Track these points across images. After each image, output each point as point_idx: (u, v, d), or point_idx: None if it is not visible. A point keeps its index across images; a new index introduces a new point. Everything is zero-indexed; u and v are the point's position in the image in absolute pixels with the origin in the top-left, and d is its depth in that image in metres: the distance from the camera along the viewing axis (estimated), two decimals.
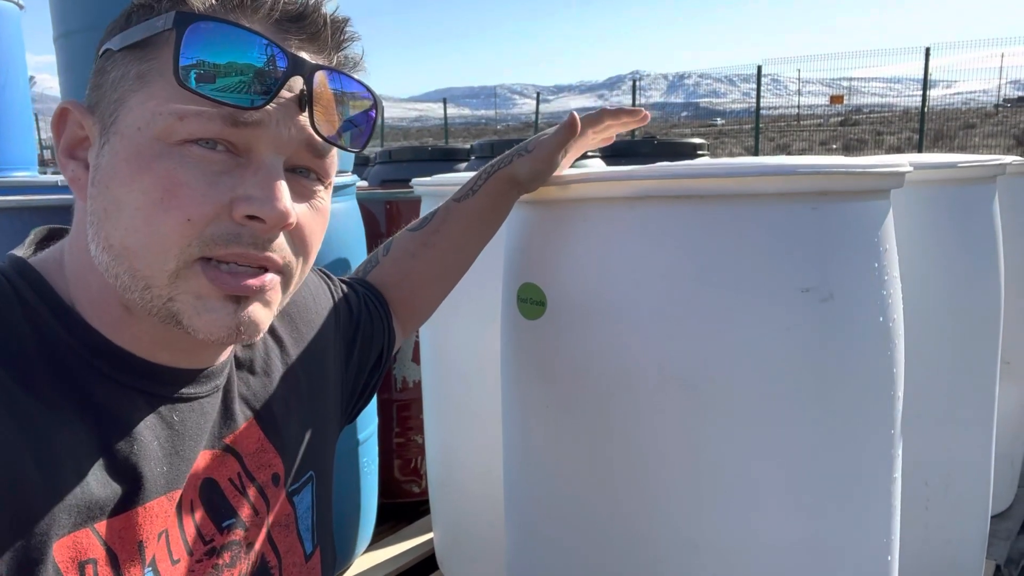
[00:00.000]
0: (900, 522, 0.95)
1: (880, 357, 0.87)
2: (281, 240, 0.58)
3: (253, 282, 0.56)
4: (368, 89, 0.63)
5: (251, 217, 0.54)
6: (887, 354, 0.88)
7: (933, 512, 1.34)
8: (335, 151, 0.62)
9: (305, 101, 0.57)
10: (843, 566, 0.88)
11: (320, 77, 0.58)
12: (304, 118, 0.57)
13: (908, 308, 0.94)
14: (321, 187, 0.62)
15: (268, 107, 0.55)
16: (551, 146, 0.91)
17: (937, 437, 1.32)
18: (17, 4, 3.15)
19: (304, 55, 0.58)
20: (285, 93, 0.56)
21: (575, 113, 0.92)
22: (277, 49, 0.55)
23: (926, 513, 1.33)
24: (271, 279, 0.58)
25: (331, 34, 0.60)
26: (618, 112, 0.97)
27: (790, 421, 0.83)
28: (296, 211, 0.58)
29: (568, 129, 0.91)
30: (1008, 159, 1.41)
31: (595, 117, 0.96)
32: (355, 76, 0.62)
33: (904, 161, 0.91)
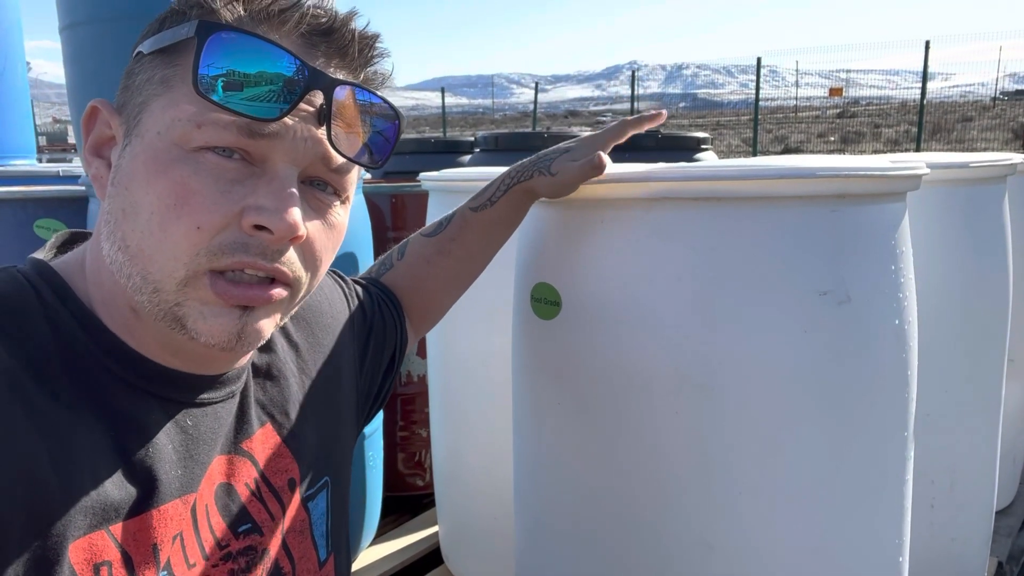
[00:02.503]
0: None
1: (896, 360, 0.88)
2: (291, 254, 0.57)
3: (259, 294, 0.56)
4: (392, 107, 0.63)
5: (259, 228, 0.54)
6: (902, 357, 0.88)
7: (939, 511, 1.35)
8: (355, 168, 0.62)
9: (324, 117, 0.57)
10: (855, 567, 0.88)
11: (344, 92, 0.57)
12: (322, 132, 0.57)
13: (918, 307, 0.94)
14: (337, 201, 0.62)
15: (286, 119, 0.55)
16: (575, 177, 0.87)
17: (944, 436, 1.33)
18: None
19: (331, 70, 0.58)
20: (305, 106, 0.56)
21: (603, 155, 0.86)
22: (298, 62, 0.55)
23: (932, 512, 1.34)
24: (277, 293, 0.57)
25: (359, 50, 0.60)
26: (639, 121, 0.93)
27: (805, 423, 0.83)
28: (307, 225, 0.57)
29: (593, 169, 0.86)
30: (1019, 158, 1.41)
31: (618, 132, 0.92)
32: (380, 93, 0.62)
33: (920, 162, 0.91)
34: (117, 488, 0.54)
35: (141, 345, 0.58)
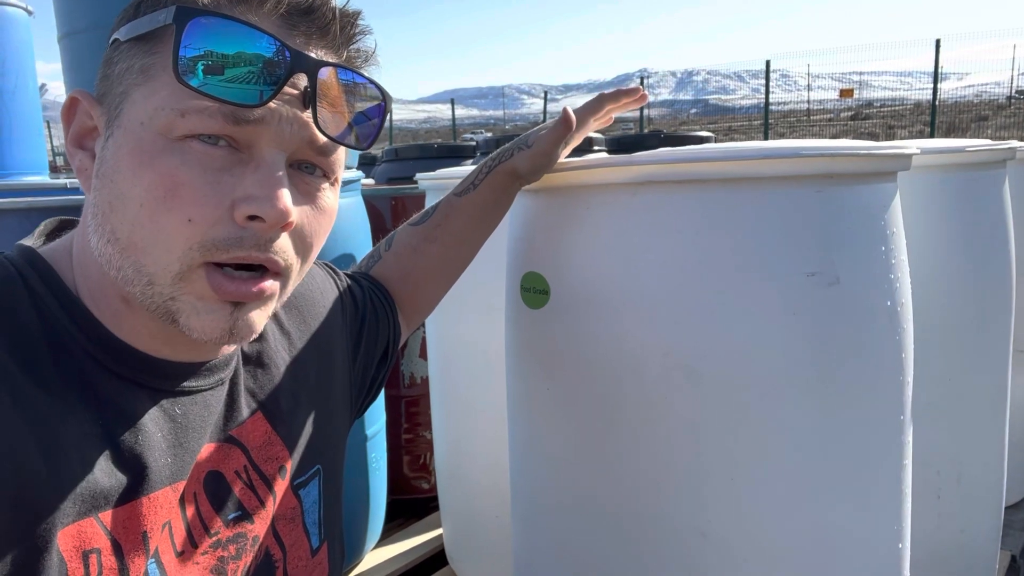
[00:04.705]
0: (913, 512, 0.94)
1: (888, 342, 0.86)
2: (282, 241, 0.57)
3: (254, 289, 0.56)
4: (377, 85, 0.62)
5: (252, 217, 0.54)
6: (895, 339, 0.87)
7: (945, 501, 1.33)
8: (342, 148, 0.61)
9: (309, 99, 0.56)
10: (852, 554, 0.87)
11: (327, 73, 0.57)
12: (308, 115, 0.56)
13: (918, 296, 0.93)
14: (326, 184, 0.61)
15: (270, 104, 0.54)
16: (549, 141, 0.90)
17: (948, 426, 1.31)
18: (26, 10, 3.18)
19: (312, 50, 0.57)
20: (289, 89, 0.55)
21: (568, 108, 0.91)
22: (280, 45, 0.54)
23: (939, 502, 1.32)
24: (270, 285, 0.57)
25: (341, 28, 0.59)
26: (617, 94, 0.96)
27: (797, 407, 0.82)
28: (298, 210, 0.57)
29: (563, 125, 0.90)
30: (1017, 144, 1.39)
31: (595, 104, 0.95)
32: (364, 72, 0.61)
33: (910, 143, 0.90)
34: (106, 475, 0.54)
35: (129, 334, 0.58)
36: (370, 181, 2.70)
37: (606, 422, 0.89)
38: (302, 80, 0.56)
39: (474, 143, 2.89)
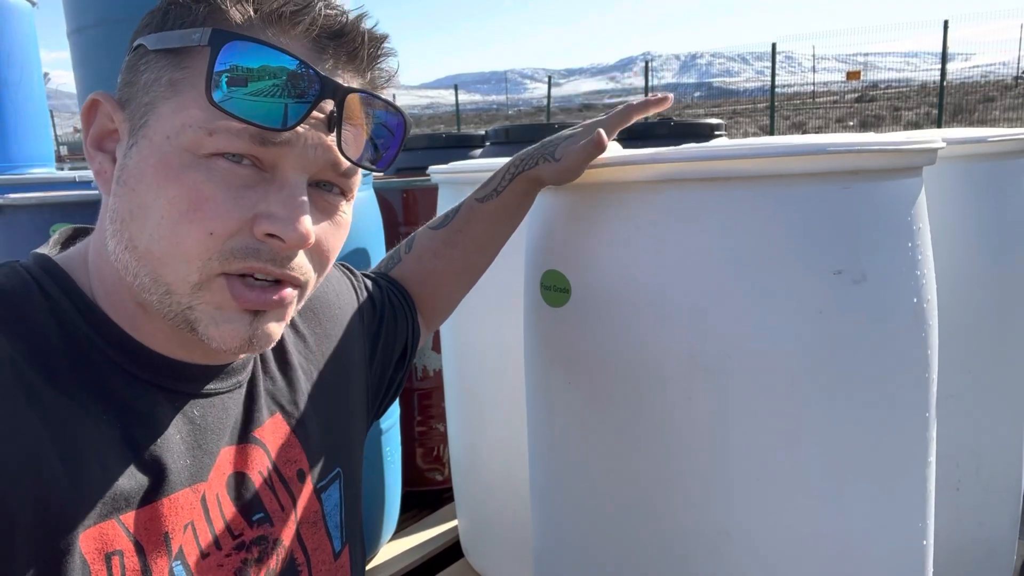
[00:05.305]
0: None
1: (915, 339, 0.86)
2: (300, 258, 0.58)
3: (273, 297, 0.57)
4: (398, 110, 0.63)
5: (271, 235, 0.55)
6: (921, 336, 0.86)
7: (964, 493, 1.32)
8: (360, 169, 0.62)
9: (335, 123, 0.57)
10: (876, 551, 0.86)
11: (351, 97, 0.58)
12: (332, 139, 0.57)
13: (938, 286, 0.92)
14: (343, 201, 0.62)
15: (297, 128, 0.55)
16: (579, 159, 0.87)
17: (967, 418, 1.30)
18: (30, 1, 3.16)
19: (340, 73, 0.58)
20: (315, 114, 0.56)
21: (602, 132, 0.86)
22: (310, 71, 0.55)
23: (957, 494, 1.31)
24: (289, 293, 0.59)
25: (368, 52, 0.60)
26: (645, 105, 0.93)
27: (823, 406, 0.81)
28: (317, 227, 0.58)
29: (595, 147, 0.86)
30: None
31: (623, 115, 0.92)
32: (386, 96, 0.62)
33: (936, 137, 0.88)
34: (126, 478, 0.55)
35: (146, 337, 0.59)
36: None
37: (628, 421, 0.89)
38: (328, 104, 0.56)
39: (483, 132, 2.87)
